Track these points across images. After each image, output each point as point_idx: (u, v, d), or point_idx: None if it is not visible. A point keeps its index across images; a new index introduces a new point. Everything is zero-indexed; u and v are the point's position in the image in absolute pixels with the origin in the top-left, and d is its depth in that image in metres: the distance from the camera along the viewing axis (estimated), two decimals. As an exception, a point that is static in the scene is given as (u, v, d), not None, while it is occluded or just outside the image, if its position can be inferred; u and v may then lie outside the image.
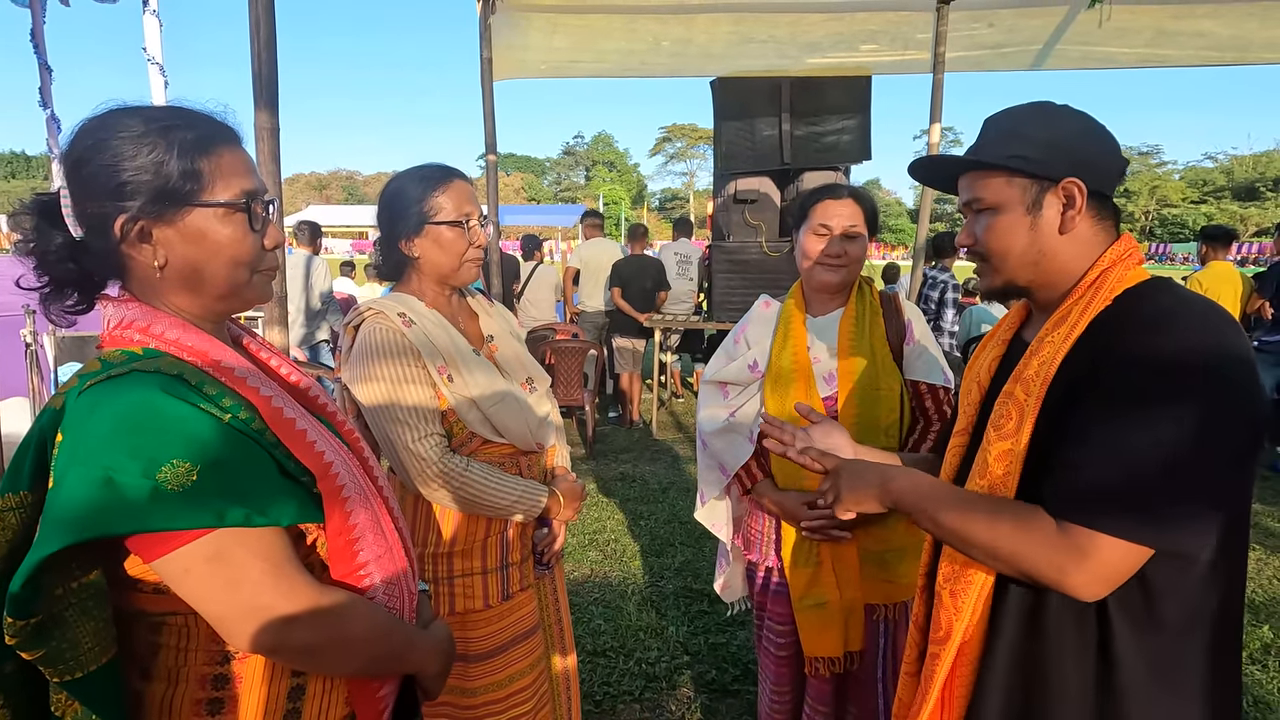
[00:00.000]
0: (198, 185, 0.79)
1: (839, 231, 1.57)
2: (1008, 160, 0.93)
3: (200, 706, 0.78)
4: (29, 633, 0.67)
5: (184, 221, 0.79)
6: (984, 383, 1.05)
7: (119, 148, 0.76)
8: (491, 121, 3.99)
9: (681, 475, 4.77)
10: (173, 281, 0.80)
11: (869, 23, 4.35)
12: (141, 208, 0.76)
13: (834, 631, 1.59)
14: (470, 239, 1.41)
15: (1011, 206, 0.95)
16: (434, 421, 1.35)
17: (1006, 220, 0.95)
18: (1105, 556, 0.79)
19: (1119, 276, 0.90)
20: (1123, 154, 0.96)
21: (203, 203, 0.79)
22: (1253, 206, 45.42)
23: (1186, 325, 0.82)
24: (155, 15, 3.23)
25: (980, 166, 0.97)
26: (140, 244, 0.78)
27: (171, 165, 0.77)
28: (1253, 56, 4.44)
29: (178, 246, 0.79)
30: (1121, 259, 0.91)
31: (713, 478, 1.76)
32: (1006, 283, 0.99)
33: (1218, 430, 0.77)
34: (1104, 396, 0.82)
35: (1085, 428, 0.82)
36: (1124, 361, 0.82)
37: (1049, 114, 0.95)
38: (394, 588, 0.88)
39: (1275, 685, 2.46)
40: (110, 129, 0.77)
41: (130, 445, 0.69)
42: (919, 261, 4.37)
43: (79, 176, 0.77)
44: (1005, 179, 0.95)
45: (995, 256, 0.98)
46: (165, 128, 0.78)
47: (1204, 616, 0.84)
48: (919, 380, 1.61)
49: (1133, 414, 0.79)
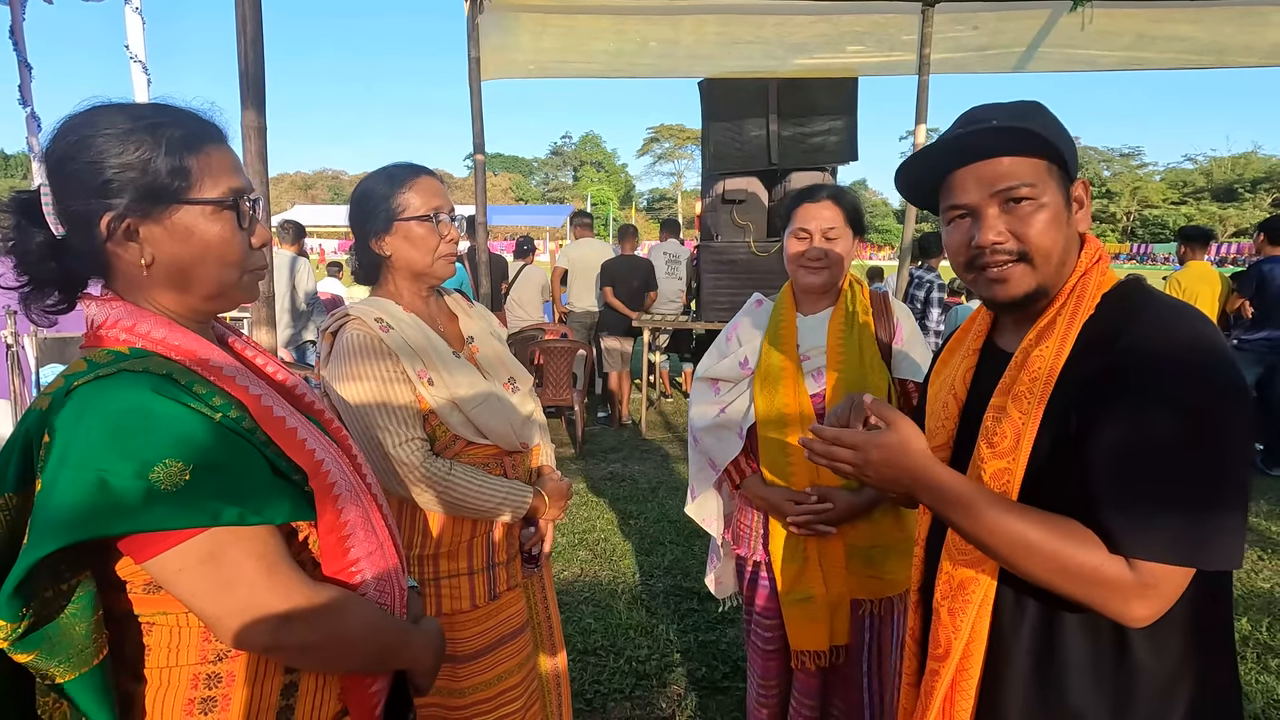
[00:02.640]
0: (186, 183, 0.78)
1: (818, 234, 1.58)
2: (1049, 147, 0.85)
3: (193, 706, 0.77)
4: (20, 636, 0.67)
5: (171, 219, 0.78)
6: (960, 395, 1.00)
7: (104, 145, 0.75)
8: (479, 121, 3.98)
9: (670, 474, 4.78)
10: (159, 280, 0.79)
11: (855, 24, 4.39)
12: (128, 205, 0.75)
13: (819, 626, 1.61)
14: (440, 233, 1.40)
15: (1054, 200, 0.87)
16: (415, 426, 1.34)
17: (1051, 216, 0.87)
18: (1172, 586, 0.78)
19: (1096, 281, 0.88)
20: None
21: (190, 200, 0.78)
22: (1231, 207, 46.15)
23: (1193, 335, 0.80)
24: (138, 12, 3.19)
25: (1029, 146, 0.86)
26: (126, 242, 0.77)
27: (159, 162, 0.76)
28: (1230, 60, 4.52)
29: (165, 245, 0.78)
30: (1095, 263, 0.90)
31: (703, 473, 1.78)
32: (1040, 285, 0.89)
33: (1243, 436, 0.78)
34: (1135, 418, 0.78)
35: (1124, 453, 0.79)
36: (1145, 380, 0.79)
37: (1045, 111, 0.91)
38: (385, 584, 0.88)
39: (1253, 677, 2.51)
40: (95, 126, 0.76)
41: (122, 446, 0.68)
42: (905, 262, 4.41)
43: (62, 174, 0.75)
44: (1045, 167, 0.87)
45: (1040, 254, 0.87)
46: (152, 125, 0.77)
47: (1209, 612, 0.85)
48: (907, 379, 1.63)
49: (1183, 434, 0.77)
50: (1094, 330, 0.85)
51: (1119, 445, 0.79)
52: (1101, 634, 0.86)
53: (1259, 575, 3.31)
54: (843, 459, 0.91)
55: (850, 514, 1.58)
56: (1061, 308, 0.88)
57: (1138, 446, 0.79)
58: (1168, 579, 0.78)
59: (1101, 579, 0.78)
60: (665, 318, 6.15)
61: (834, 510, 1.57)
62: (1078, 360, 0.84)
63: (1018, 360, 0.89)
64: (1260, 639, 2.75)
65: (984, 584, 0.90)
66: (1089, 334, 0.85)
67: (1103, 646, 0.86)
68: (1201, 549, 0.77)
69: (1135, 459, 0.79)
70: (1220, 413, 0.78)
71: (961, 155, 0.90)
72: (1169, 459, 0.78)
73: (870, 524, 1.59)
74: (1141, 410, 0.79)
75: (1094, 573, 0.79)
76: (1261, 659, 2.62)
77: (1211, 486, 0.77)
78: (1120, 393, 0.80)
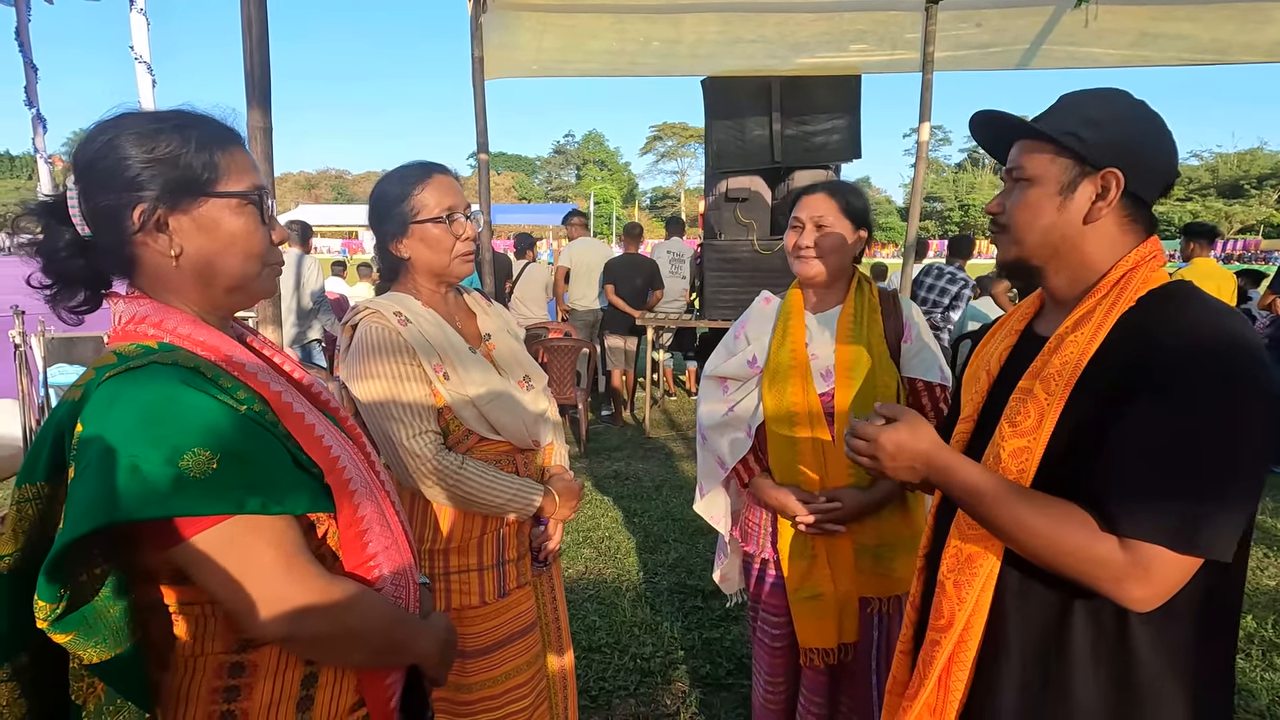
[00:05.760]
0: (214, 175, 0.82)
1: (809, 224, 1.60)
2: (1060, 135, 0.91)
3: (217, 694, 0.79)
4: (59, 616, 0.69)
5: (200, 211, 0.81)
6: (993, 371, 1.04)
7: (136, 140, 0.78)
8: (483, 120, 3.99)
9: (674, 473, 4.79)
10: (186, 273, 0.82)
11: (857, 23, 4.38)
12: (159, 196, 0.78)
13: (828, 623, 1.61)
14: (455, 232, 1.40)
15: (1047, 183, 0.93)
16: (429, 419, 1.35)
17: (1037, 194, 0.94)
18: (1167, 571, 0.80)
19: (1143, 278, 0.89)
20: (1177, 166, 0.94)
21: (219, 193, 0.82)
22: (1237, 204, 45.93)
23: (1225, 332, 0.82)
24: (142, 13, 3.20)
25: (1032, 134, 0.95)
26: (157, 234, 0.80)
27: (189, 156, 0.80)
28: (1232, 57, 4.51)
29: (193, 237, 0.81)
30: (1146, 260, 0.91)
31: (711, 471, 1.78)
32: (1019, 257, 0.98)
33: (1262, 436, 0.79)
34: (1152, 409, 0.81)
35: (1136, 441, 0.81)
36: (1170, 372, 0.81)
37: (1118, 103, 0.93)
38: (400, 579, 0.89)
39: (1258, 674, 2.51)
40: (125, 126, 0.79)
41: (153, 434, 0.70)
42: (909, 259, 4.41)
43: (94, 172, 0.78)
44: (1052, 155, 0.93)
45: (1017, 228, 0.97)
46: (179, 124, 0.81)
47: (1213, 603, 0.86)
48: (916, 378, 1.62)
49: (1192, 431, 0.79)
50: (1129, 324, 0.87)
51: (1133, 434, 0.82)
52: (1103, 617, 0.87)
53: (1265, 573, 3.30)
54: (861, 450, 1.02)
55: (859, 513, 1.58)
56: (1102, 299, 0.90)
57: (1151, 436, 0.81)
58: (1160, 562, 0.79)
59: (1090, 557, 0.82)
60: (668, 316, 6.16)
61: (842, 509, 1.57)
62: (1109, 351, 0.87)
63: (1051, 345, 0.92)
64: (1266, 636, 2.75)
65: (990, 560, 0.93)
66: (1124, 327, 0.87)
67: (1103, 630, 0.87)
68: (1191, 536, 0.79)
69: (1147, 447, 0.81)
70: (1237, 411, 0.79)
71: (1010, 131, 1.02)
72: (1178, 450, 0.79)
73: (878, 522, 1.60)
74: (1160, 403, 0.81)
75: (1082, 551, 0.82)
76: (1267, 656, 2.62)
77: (1215, 480, 0.79)
78: (1143, 385, 0.82)
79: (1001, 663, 0.93)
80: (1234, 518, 0.80)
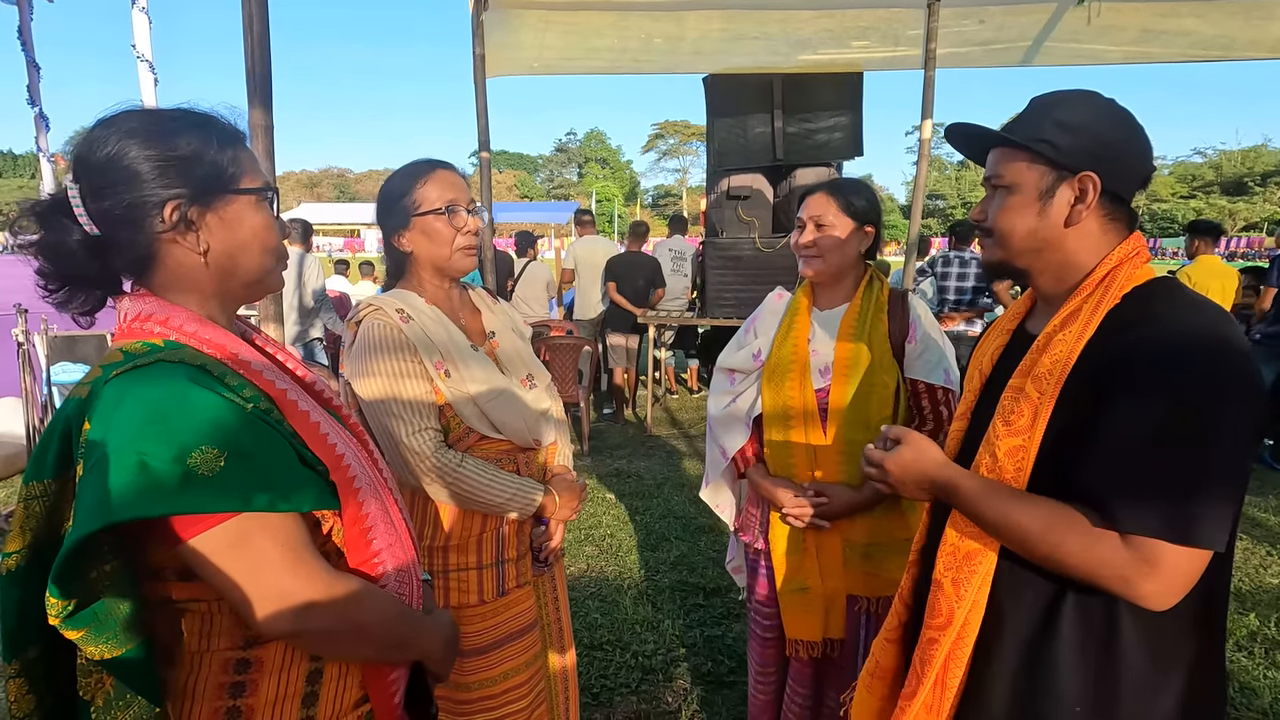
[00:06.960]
0: (239, 171, 0.83)
1: (810, 223, 1.62)
2: (1033, 143, 0.93)
3: (223, 690, 0.80)
4: (70, 613, 0.69)
5: (226, 208, 0.83)
6: (985, 371, 1.06)
7: (154, 138, 0.78)
8: (484, 118, 3.98)
9: (676, 471, 4.80)
10: (211, 270, 0.83)
11: (860, 19, 4.37)
12: (191, 194, 0.79)
13: (814, 617, 1.63)
14: (455, 225, 1.40)
15: (1025, 190, 0.95)
16: (430, 416, 1.36)
17: (1017, 202, 0.96)
18: (1176, 565, 0.80)
19: (1127, 275, 0.91)
20: (1152, 161, 0.96)
21: (242, 189, 0.83)
22: (1241, 201, 45.73)
23: (1206, 325, 0.84)
24: (144, 12, 3.21)
25: (1006, 143, 0.98)
26: (186, 231, 0.80)
27: (215, 154, 0.80)
28: (1236, 54, 4.49)
29: (219, 233, 0.82)
30: (1129, 258, 0.92)
31: (716, 460, 1.82)
32: (1003, 261, 1.01)
33: (1247, 428, 0.81)
34: (1145, 405, 0.82)
35: (1125, 436, 0.83)
36: (1155, 365, 0.82)
37: (1090, 105, 0.94)
38: (403, 576, 0.90)
39: (1261, 672, 2.51)
40: (136, 123, 0.79)
41: (161, 431, 0.70)
42: (911, 256, 4.39)
43: (109, 170, 0.77)
44: (1027, 161, 0.95)
45: (1000, 234, 0.99)
46: (197, 122, 0.81)
47: (1200, 597, 0.86)
48: (918, 379, 1.62)
49: (1179, 423, 0.80)
50: (1115, 320, 0.89)
51: (1120, 429, 0.83)
52: (1093, 617, 0.88)
53: (1268, 571, 3.30)
54: (873, 476, 1.08)
55: (847, 510, 1.59)
56: (1088, 296, 0.92)
57: (1137, 431, 0.82)
58: (1166, 557, 0.80)
59: (1094, 558, 0.83)
60: (670, 314, 6.15)
61: (830, 505, 1.58)
62: (1096, 347, 0.88)
63: (1040, 343, 0.93)
64: (1269, 635, 2.74)
65: (989, 557, 0.94)
66: (1110, 323, 0.89)
67: (1093, 629, 0.88)
68: (1187, 528, 0.80)
69: (1134, 442, 0.82)
70: (1219, 404, 0.80)
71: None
72: (1164, 443, 0.81)
73: (870, 521, 1.60)
74: (1144, 398, 0.82)
75: (1085, 552, 0.84)
76: (1270, 654, 2.62)
77: (1203, 471, 0.80)
78: (1127, 379, 0.84)
79: (994, 657, 0.94)
80: (1225, 508, 0.81)
